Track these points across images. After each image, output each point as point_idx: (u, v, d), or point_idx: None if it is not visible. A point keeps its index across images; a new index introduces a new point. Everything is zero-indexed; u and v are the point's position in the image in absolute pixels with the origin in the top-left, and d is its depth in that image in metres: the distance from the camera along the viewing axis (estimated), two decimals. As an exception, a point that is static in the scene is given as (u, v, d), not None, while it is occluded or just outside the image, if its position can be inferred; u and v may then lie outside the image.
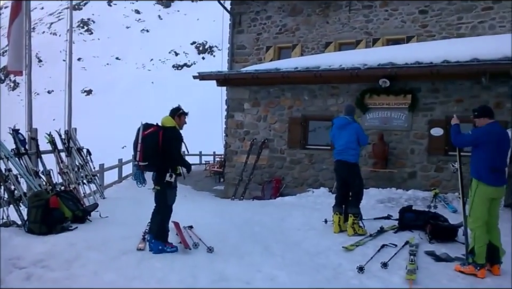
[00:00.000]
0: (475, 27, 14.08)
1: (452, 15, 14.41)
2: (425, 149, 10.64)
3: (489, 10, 13.99)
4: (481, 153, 5.26)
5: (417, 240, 6.59)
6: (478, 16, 14.13)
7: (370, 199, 9.67)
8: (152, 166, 5.72)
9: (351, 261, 5.66)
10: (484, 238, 5.19)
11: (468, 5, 14.21)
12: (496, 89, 9.96)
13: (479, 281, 5.08)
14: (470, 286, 4.97)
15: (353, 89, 11.42)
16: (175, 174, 5.74)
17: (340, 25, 16.03)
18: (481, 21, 14.06)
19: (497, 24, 13.88)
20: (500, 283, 5.03)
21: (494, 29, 13.84)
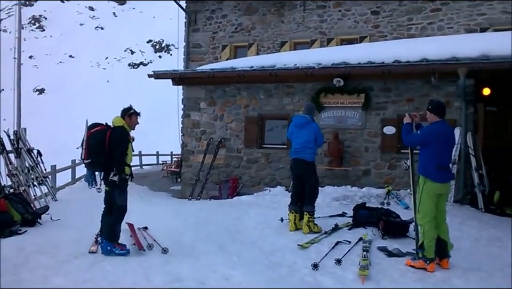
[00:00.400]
0: (424, 28, 14.51)
1: (403, 16, 14.81)
2: (378, 147, 10.88)
3: (437, 11, 14.46)
4: (428, 151, 5.44)
5: (370, 236, 6.73)
6: (427, 18, 14.58)
7: (325, 197, 9.80)
8: (96, 164, 5.66)
9: (306, 258, 5.72)
10: (433, 233, 5.36)
11: (418, 6, 14.63)
12: (445, 88, 10.29)
13: (428, 275, 5.23)
14: (420, 280, 5.11)
15: (308, 88, 11.55)
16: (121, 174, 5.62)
17: (294, 25, 16.19)
18: (430, 22, 14.51)
19: (446, 25, 14.36)
20: (449, 277, 5.20)
21: (443, 30, 14.31)
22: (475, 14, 14.22)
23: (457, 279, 5.13)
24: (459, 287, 4.94)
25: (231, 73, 11.89)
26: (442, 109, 5.68)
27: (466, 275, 5.27)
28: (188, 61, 17.63)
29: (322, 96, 11.29)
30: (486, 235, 7.22)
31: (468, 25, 14.26)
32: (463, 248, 6.33)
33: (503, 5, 13.94)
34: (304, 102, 10.59)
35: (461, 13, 14.32)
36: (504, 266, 5.68)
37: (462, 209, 9.25)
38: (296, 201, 7.28)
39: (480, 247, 6.60)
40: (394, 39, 14.60)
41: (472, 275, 5.27)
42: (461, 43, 10.67)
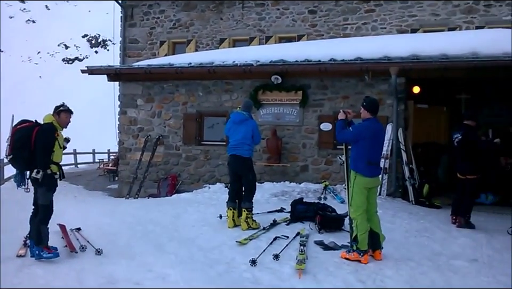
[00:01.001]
0: (359, 28, 14.97)
1: (339, 16, 15.20)
2: (315, 143, 11.10)
3: (371, 12, 14.95)
4: (359, 148, 5.63)
5: (307, 230, 6.86)
6: (361, 18, 15.04)
7: (264, 193, 9.89)
8: (19, 160, 5.42)
9: (244, 254, 5.74)
10: (365, 225, 5.55)
11: (353, 6, 15.06)
12: (378, 86, 10.65)
13: (362, 267, 5.40)
14: (354, 271, 5.27)
15: (247, 85, 11.60)
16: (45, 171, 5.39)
17: (233, 22, 16.22)
18: (365, 22, 14.98)
19: (379, 25, 14.88)
20: (381, 268, 5.39)
21: (376, 30, 14.82)
22: (406, 15, 14.83)
23: (389, 269, 5.33)
24: (391, 276, 5.13)
25: (169, 70, 11.74)
26: (376, 107, 5.88)
27: (397, 265, 5.49)
28: (124, 56, 17.24)
29: (261, 93, 11.38)
30: (416, 227, 7.55)
31: (399, 26, 14.84)
32: (395, 239, 6.59)
33: (433, 7, 14.63)
34: (242, 99, 10.66)
35: (393, 14, 14.89)
36: (432, 256, 5.98)
37: (394, 202, 9.63)
38: (234, 197, 7.29)
39: (410, 237, 6.89)
40: (330, 38, 14.97)
41: (403, 265, 5.50)
42: (393, 44, 11.10)
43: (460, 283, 5.02)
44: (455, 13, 14.54)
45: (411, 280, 5.05)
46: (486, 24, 14.10)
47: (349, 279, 5.04)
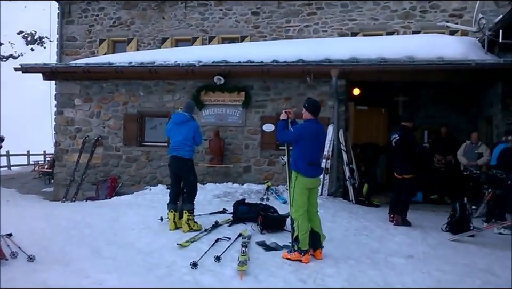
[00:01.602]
0: (301, 31, 15.18)
1: (281, 18, 15.35)
2: (258, 144, 11.13)
3: (313, 15, 15.20)
4: (300, 148, 5.67)
5: (249, 231, 6.83)
6: (304, 20, 15.26)
7: (207, 194, 9.79)
8: None
9: (185, 257, 5.63)
10: (306, 225, 5.59)
11: (295, 9, 15.26)
12: (319, 88, 10.81)
13: (303, 266, 5.43)
14: (295, 271, 5.28)
15: (189, 85, 11.46)
16: None
17: (176, 22, 16.03)
18: (307, 25, 15.21)
19: (321, 28, 15.16)
20: (322, 266, 5.44)
21: (318, 32, 15.08)
22: (347, 19, 15.19)
23: (330, 268, 5.39)
24: (331, 275, 5.19)
25: (108, 69, 11.42)
26: (317, 108, 5.95)
27: (337, 264, 5.56)
28: (61, 54, 16.61)
29: (203, 93, 11.28)
30: (356, 225, 7.71)
31: (340, 30, 15.18)
32: (335, 238, 6.69)
33: (372, 12, 15.07)
34: (185, 100, 10.53)
35: (334, 17, 15.21)
36: (370, 253, 6.12)
37: (335, 202, 9.80)
38: (175, 199, 7.15)
39: (350, 236, 7.02)
40: (273, 39, 15.09)
41: (342, 264, 5.58)
42: (334, 46, 11.31)
43: (396, 279, 5.14)
44: (393, 18, 15.05)
45: (350, 278, 5.12)
46: (421, 29, 14.70)
47: (290, 279, 5.05)
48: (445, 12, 14.74)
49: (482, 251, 6.66)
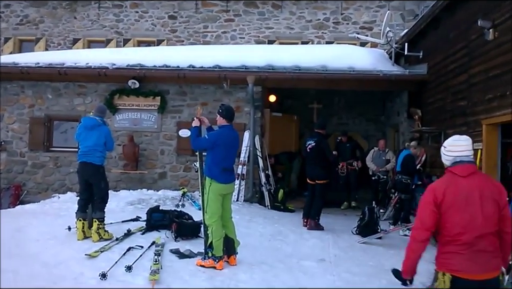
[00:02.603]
0: (219, 37, 15.21)
1: (199, 23, 15.30)
2: (174, 150, 10.95)
3: (231, 22, 15.30)
4: (214, 154, 5.64)
5: (163, 239, 6.67)
6: (221, 27, 15.30)
7: (120, 202, 9.43)
8: None
9: (94, 268, 5.37)
10: (220, 231, 5.56)
11: (213, 15, 15.28)
12: (236, 94, 10.86)
13: (217, 273, 5.40)
14: (209, 278, 5.24)
15: (102, 89, 11.05)
16: None
17: (89, 22, 15.45)
18: (224, 31, 15.27)
19: (238, 35, 15.29)
20: (236, 272, 5.45)
21: (235, 39, 15.20)
22: (264, 27, 15.45)
23: (243, 274, 5.41)
24: (245, 281, 5.19)
25: (13, 69, 10.72)
26: (231, 114, 5.96)
27: (251, 269, 5.60)
28: (-40, 52, 15.37)
29: (117, 97, 10.92)
30: (271, 231, 7.80)
31: (257, 37, 15.41)
32: (250, 244, 6.71)
33: (288, 21, 15.45)
34: (97, 103, 10.15)
35: (251, 25, 15.41)
36: (284, 258, 6.22)
37: (251, 207, 9.86)
38: (84, 207, 6.80)
39: (264, 242, 7.09)
40: (190, 44, 14.98)
41: (256, 269, 5.62)
42: (250, 53, 11.41)
43: (308, 282, 5.26)
44: (308, 27, 15.52)
45: (264, 283, 5.16)
46: (334, 40, 15.30)
47: (204, 286, 5.00)
48: (356, 24, 15.45)
49: (388, 252, 6.99)
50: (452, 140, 3.26)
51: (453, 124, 8.41)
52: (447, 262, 3.06)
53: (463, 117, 7.97)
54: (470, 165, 3.15)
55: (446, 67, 8.91)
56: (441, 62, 9.19)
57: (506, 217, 3.07)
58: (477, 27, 7.15)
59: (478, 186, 3.06)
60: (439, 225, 3.08)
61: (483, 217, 2.99)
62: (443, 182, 3.15)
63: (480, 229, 2.98)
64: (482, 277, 2.99)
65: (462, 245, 3.00)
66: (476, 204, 3.01)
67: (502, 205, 3.07)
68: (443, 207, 3.04)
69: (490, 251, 3.01)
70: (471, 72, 7.68)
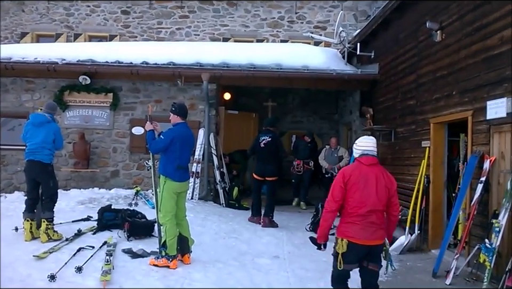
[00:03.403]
0: (173, 33, 15.04)
1: (153, 19, 15.07)
2: (127, 148, 10.75)
3: (185, 18, 15.16)
4: (170, 152, 5.58)
5: (115, 239, 6.54)
6: (176, 23, 15.14)
7: (70, 201, 9.17)
8: None
9: (43, 269, 5.21)
10: (174, 230, 5.52)
11: (167, 11, 15.09)
12: (190, 91, 10.77)
13: (171, 272, 5.36)
14: (162, 277, 5.18)
15: (51, 84, 10.71)
16: None
17: (38, 16, 14.94)
18: (179, 27, 15.12)
19: (193, 32, 15.17)
20: (190, 271, 5.43)
21: (190, 36, 15.07)
22: (219, 24, 15.40)
23: (197, 273, 5.39)
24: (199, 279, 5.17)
25: (-46, 64, 10.21)
26: (185, 111, 5.93)
27: (206, 267, 5.59)
28: None
29: (67, 94, 10.61)
30: (225, 228, 7.81)
31: (212, 34, 15.34)
32: (204, 242, 6.69)
33: (243, 19, 15.47)
34: (46, 100, 9.86)
35: (206, 22, 15.32)
36: (238, 256, 6.25)
37: (205, 206, 9.82)
38: (31, 207, 6.57)
39: (219, 239, 7.09)
40: (144, 40, 14.73)
41: (211, 267, 5.62)
42: (205, 51, 11.35)
43: (262, 279, 5.31)
44: (262, 26, 15.58)
45: (218, 281, 5.16)
46: (289, 39, 15.43)
47: (157, 286, 4.95)
48: (310, 24, 15.64)
49: (341, 248, 7.11)
50: (361, 138, 4.22)
51: (402, 123, 8.66)
52: (345, 230, 3.96)
53: (412, 115, 8.22)
54: (372, 157, 4.06)
55: (396, 67, 9.16)
56: (392, 62, 9.44)
57: (394, 203, 4.05)
58: (425, 28, 7.38)
59: (376, 174, 3.98)
60: (344, 200, 3.95)
61: (376, 197, 3.90)
62: (351, 167, 4.14)
63: (372, 206, 3.89)
64: (370, 243, 3.91)
65: (358, 216, 3.90)
66: (372, 186, 3.92)
67: (392, 192, 4.02)
68: (348, 185, 3.93)
69: (378, 224, 3.93)
70: (420, 72, 7.93)
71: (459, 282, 5.47)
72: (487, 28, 5.86)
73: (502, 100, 5.43)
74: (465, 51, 6.38)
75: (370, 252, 3.96)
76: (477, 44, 6.10)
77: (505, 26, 5.47)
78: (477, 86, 6.05)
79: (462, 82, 6.45)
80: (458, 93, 6.54)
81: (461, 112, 6.46)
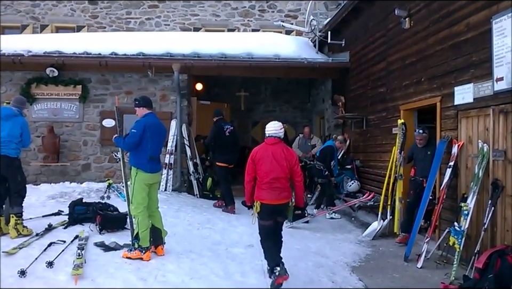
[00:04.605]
0: (143, 23, 14.83)
1: (121, 9, 14.83)
2: (98, 140, 10.59)
3: (155, 8, 14.95)
4: (141, 143, 5.50)
5: (87, 232, 6.44)
6: (145, 13, 14.92)
7: (40, 196, 8.99)
8: None
9: (12, 265, 5.09)
10: (147, 222, 5.47)
11: (136, 1, 14.82)
12: (161, 82, 10.65)
13: (144, 264, 5.30)
14: (136, 270, 5.13)
15: (17, 77, 10.44)
16: None
17: (2, 7, 14.49)
18: (148, 17, 14.90)
19: (163, 22, 14.98)
20: (163, 262, 5.39)
21: (160, 26, 14.88)
22: (189, 14, 15.24)
23: (171, 264, 5.35)
24: (172, 271, 5.14)
25: None
26: (150, 101, 5.92)
27: (179, 258, 5.56)
28: None
29: (34, 86, 10.37)
30: (199, 219, 7.78)
31: (182, 24, 15.18)
32: (178, 233, 6.66)
33: (213, 8, 15.35)
34: (12, 93, 9.63)
35: (176, 11, 15.14)
36: (212, 246, 6.24)
37: (179, 197, 9.77)
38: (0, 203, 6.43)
39: (193, 230, 7.06)
40: (113, 31, 14.48)
41: (184, 258, 5.59)
42: (175, 41, 11.23)
43: (236, 269, 5.31)
44: (233, 15, 15.49)
45: (191, 271, 5.14)
46: (260, 28, 15.38)
47: (130, 278, 4.89)
48: (281, 12, 15.62)
49: (315, 235, 7.21)
50: (268, 124, 5.13)
51: (373, 110, 8.76)
52: (258, 195, 4.94)
53: (383, 103, 8.32)
54: (275, 138, 5.02)
55: (366, 55, 9.24)
56: (362, 50, 9.52)
57: (296, 171, 5.00)
58: (394, 16, 7.46)
59: (277, 150, 4.95)
60: (256, 173, 4.95)
61: (278, 167, 4.87)
62: (259, 147, 5.11)
63: (275, 174, 4.86)
64: (276, 202, 4.89)
65: (265, 184, 4.88)
66: (274, 160, 4.89)
67: (292, 163, 4.96)
68: (256, 161, 4.95)
69: (281, 188, 4.90)
70: (389, 60, 8.02)
71: (430, 265, 5.59)
72: (454, 15, 5.96)
73: (468, 86, 5.54)
74: (433, 38, 6.48)
75: (277, 209, 4.94)
76: (444, 31, 6.20)
77: (470, 12, 5.57)
78: (445, 72, 6.15)
79: (431, 68, 6.55)
80: (427, 79, 6.64)
81: (430, 98, 6.57)
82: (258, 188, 4.96)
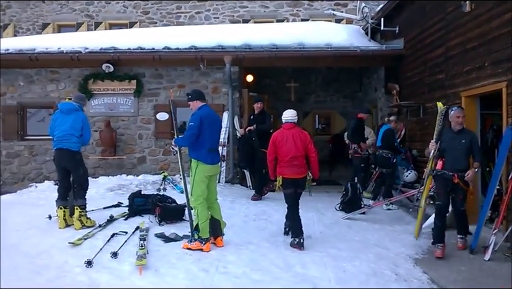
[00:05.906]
0: (193, 17, 14.96)
1: (172, 4, 15.01)
2: (152, 134, 10.80)
3: (204, 1, 15.06)
4: (200, 135, 5.52)
5: (147, 224, 6.58)
6: (195, 7, 15.04)
7: (99, 188, 9.28)
8: None
9: (79, 256, 5.26)
10: (206, 213, 5.51)
11: (186, -5, 14.98)
12: (213, 75, 10.73)
13: (205, 255, 5.35)
14: (197, 260, 5.18)
15: (75, 74, 10.78)
16: None
17: (58, 6, 15.00)
18: (198, 11, 15.02)
19: (212, 15, 15.06)
20: (223, 254, 5.42)
21: (209, 19, 14.97)
22: (238, 6, 15.24)
23: (231, 255, 5.37)
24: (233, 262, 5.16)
25: (-19, 57, 10.33)
26: (202, 94, 5.91)
27: (238, 250, 5.57)
28: None
29: (91, 82, 10.68)
30: (254, 211, 7.78)
31: (232, 16, 15.20)
32: (235, 224, 6.69)
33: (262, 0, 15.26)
34: (71, 89, 9.96)
35: (225, 4, 15.19)
36: (270, 237, 6.22)
37: (232, 189, 9.83)
38: (64, 195, 6.63)
39: (249, 221, 7.07)
40: (164, 26, 14.68)
41: (244, 249, 5.60)
42: (226, 33, 11.25)
43: (296, 260, 5.26)
44: (282, 5, 15.37)
45: (251, 262, 5.14)
46: (310, 17, 15.19)
47: (192, 269, 4.94)
48: (331, 1, 15.37)
49: (373, 227, 7.06)
50: (285, 112, 6.08)
51: (431, 97, 8.46)
52: (280, 171, 5.89)
53: (441, 90, 8.02)
54: (291, 124, 5.97)
55: (422, 41, 8.93)
56: (418, 36, 9.20)
57: (310, 149, 5.88)
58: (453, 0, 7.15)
59: (294, 134, 5.88)
60: (277, 154, 5.88)
61: (295, 148, 5.79)
62: (278, 132, 5.99)
63: (294, 153, 5.78)
64: (295, 176, 5.83)
65: (285, 162, 5.81)
66: (292, 142, 5.80)
67: (306, 142, 5.88)
68: (276, 144, 5.87)
69: (299, 165, 5.83)
70: (449, 45, 7.71)
71: (498, 258, 5.36)
72: (521, -5, 5.64)
73: (539, 69, 5.24)
74: (497, 21, 6.16)
75: (297, 182, 5.86)
76: (509, 13, 5.88)
77: (540, -9, 5.25)
78: (511, 56, 5.84)
79: (495, 53, 6.24)
80: (491, 64, 6.34)
81: (494, 83, 6.26)
82: (279, 166, 5.90)
